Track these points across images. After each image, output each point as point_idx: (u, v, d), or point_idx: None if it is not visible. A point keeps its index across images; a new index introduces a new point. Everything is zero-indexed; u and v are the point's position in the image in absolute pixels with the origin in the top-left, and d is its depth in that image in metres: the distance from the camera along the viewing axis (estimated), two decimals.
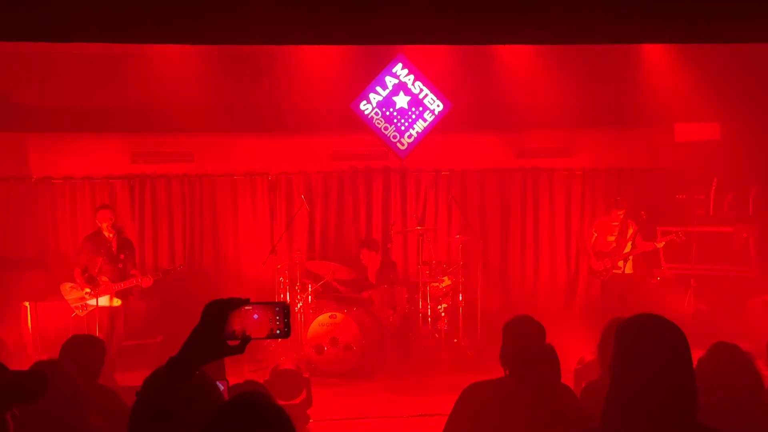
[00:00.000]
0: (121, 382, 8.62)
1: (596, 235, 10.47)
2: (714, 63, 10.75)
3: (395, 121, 11.30)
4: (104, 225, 8.93)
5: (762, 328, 9.16)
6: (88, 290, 8.77)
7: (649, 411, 2.46)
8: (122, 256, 9.01)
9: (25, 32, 6.10)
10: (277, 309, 2.19)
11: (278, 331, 2.16)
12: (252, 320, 2.15)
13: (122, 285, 8.89)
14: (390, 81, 11.26)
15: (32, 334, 9.74)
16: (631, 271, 10.34)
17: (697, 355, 2.60)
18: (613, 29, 6.05)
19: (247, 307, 2.16)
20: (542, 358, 3.71)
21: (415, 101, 11.29)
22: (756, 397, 3.72)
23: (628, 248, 10.30)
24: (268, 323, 2.15)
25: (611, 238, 10.34)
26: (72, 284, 9.03)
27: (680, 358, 2.54)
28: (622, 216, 10.30)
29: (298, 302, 10.02)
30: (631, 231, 10.27)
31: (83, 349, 4.53)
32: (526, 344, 3.91)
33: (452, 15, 5.46)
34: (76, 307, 8.92)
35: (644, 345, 2.55)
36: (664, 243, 10.34)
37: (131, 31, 5.98)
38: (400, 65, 11.25)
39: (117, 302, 8.89)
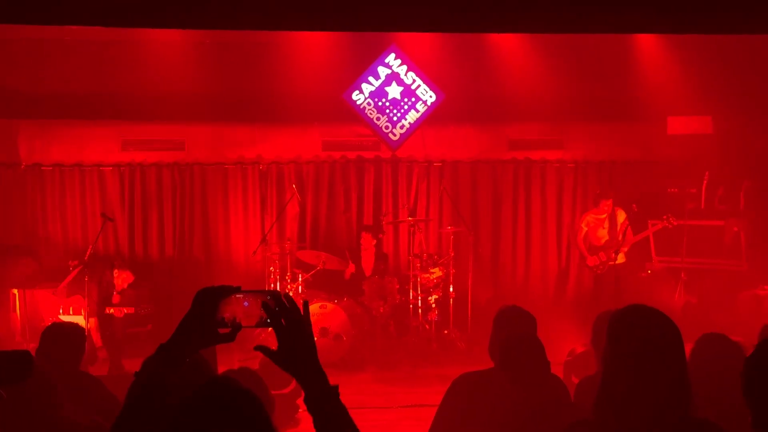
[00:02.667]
0: (114, 371, 8.62)
1: (586, 229, 10.40)
2: (707, 56, 10.75)
3: (387, 111, 11.27)
4: (121, 283, 9.12)
5: (752, 321, 9.18)
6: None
7: (642, 403, 2.45)
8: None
9: (16, 15, 6.04)
10: (268, 297, 2.17)
11: (268, 320, 2.14)
12: (242, 308, 2.14)
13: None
14: (382, 71, 11.23)
15: (20, 321, 9.71)
16: (624, 260, 10.31)
17: (686, 347, 2.59)
18: (606, 18, 6.03)
19: (237, 295, 2.14)
20: (528, 349, 3.69)
21: (408, 92, 11.26)
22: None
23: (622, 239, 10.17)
24: (259, 311, 2.13)
25: (602, 232, 10.27)
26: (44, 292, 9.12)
27: (673, 350, 2.53)
28: (610, 206, 10.19)
29: (288, 292, 10.00)
30: (621, 219, 10.21)
31: (62, 337, 4.48)
32: (512, 334, 3.89)
33: (445, 1, 5.44)
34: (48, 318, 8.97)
35: (637, 336, 2.54)
36: (655, 230, 10.33)
37: (123, 14, 5.93)
38: (392, 55, 11.21)
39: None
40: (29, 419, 3.16)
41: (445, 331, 10.24)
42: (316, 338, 8.88)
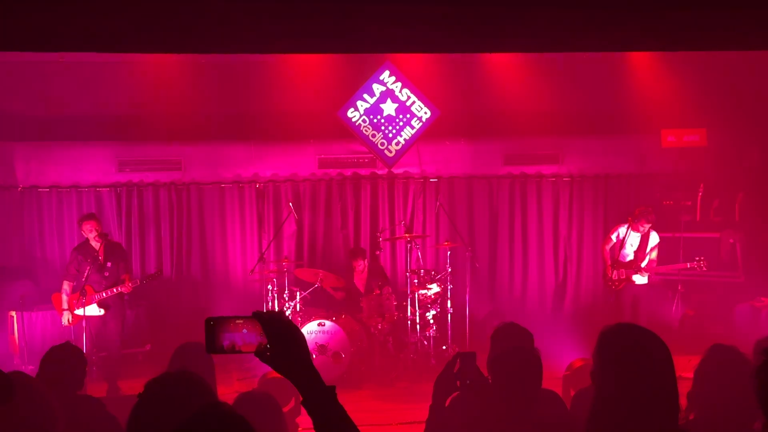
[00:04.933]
0: (112, 393, 8.59)
1: (614, 241, 10.10)
2: (700, 70, 10.83)
3: (383, 128, 11.31)
4: (90, 235, 8.90)
5: (748, 333, 9.20)
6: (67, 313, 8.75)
7: (633, 420, 2.47)
8: (109, 264, 8.96)
9: (14, 42, 6.08)
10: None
11: (267, 345, 2.16)
12: (242, 335, 2.16)
13: (103, 294, 8.82)
14: (377, 88, 11.28)
15: (18, 343, 9.70)
16: (645, 282, 10.05)
17: (682, 360, 2.62)
18: (599, 37, 6.08)
19: (237, 321, 2.16)
20: (517, 363, 3.69)
21: (403, 108, 11.31)
22: (753, 398, 3.72)
23: (646, 261, 9.94)
24: (258, 337, 2.16)
25: (630, 249, 9.97)
26: (59, 295, 9.01)
27: (662, 368, 2.56)
28: (647, 230, 9.85)
29: (287, 310, 9.99)
30: (653, 243, 9.93)
31: (63, 361, 4.50)
32: (502, 350, 3.90)
33: (440, 24, 5.49)
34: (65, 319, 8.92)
35: (627, 355, 2.58)
36: (683, 267, 9.94)
37: (120, 40, 5.97)
38: (387, 72, 11.27)
39: (100, 311, 8.81)
40: None
41: (444, 347, 10.22)
42: (314, 356, 8.79)
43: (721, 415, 3.43)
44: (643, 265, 9.89)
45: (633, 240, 9.97)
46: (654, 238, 9.96)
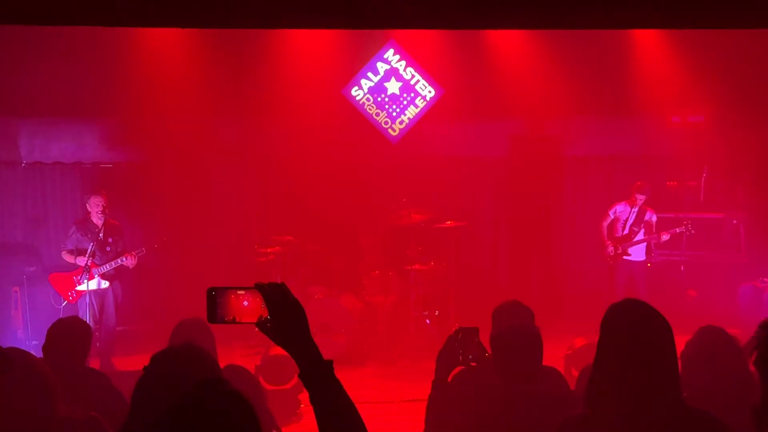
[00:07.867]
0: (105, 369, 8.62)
1: (612, 217, 10.34)
2: (706, 50, 10.77)
3: (387, 107, 11.28)
4: (95, 210, 8.92)
5: (751, 314, 9.21)
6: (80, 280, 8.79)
7: (634, 394, 2.48)
8: (110, 239, 8.99)
9: (18, 15, 6.05)
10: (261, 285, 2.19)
11: (268, 317, 2.16)
12: (242, 307, 2.16)
13: (106, 267, 8.87)
14: (382, 67, 11.23)
15: (22, 319, 9.73)
16: (643, 258, 10.28)
17: (685, 341, 2.63)
18: (605, 14, 6.04)
19: (239, 292, 2.16)
20: (517, 340, 3.70)
21: (407, 87, 11.27)
22: (741, 379, 3.75)
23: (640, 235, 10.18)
24: (259, 309, 2.15)
25: (626, 224, 10.23)
26: (57, 273, 9.07)
27: (662, 342, 2.57)
28: (642, 201, 10.11)
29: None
30: (650, 218, 10.17)
31: (69, 334, 4.51)
32: (505, 326, 3.91)
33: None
34: (67, 295, 8.93)
35: (625, 330, 2.60)
36: (669, 236, 10.13)
37: (125, 13, 5.94)
38: (391, 51, 11.22)
39: (104, 284, 8.89)
40: (18, 415, 3.16)
41: (446, 324, 10.24)
42: (317, 334, 8.81)
43: (710, 393, 3.44)
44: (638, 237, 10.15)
45: (629, 215, 10.21)
46: (650, 215, 10.16)
